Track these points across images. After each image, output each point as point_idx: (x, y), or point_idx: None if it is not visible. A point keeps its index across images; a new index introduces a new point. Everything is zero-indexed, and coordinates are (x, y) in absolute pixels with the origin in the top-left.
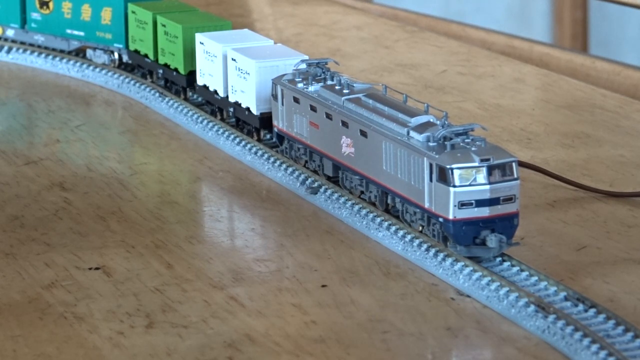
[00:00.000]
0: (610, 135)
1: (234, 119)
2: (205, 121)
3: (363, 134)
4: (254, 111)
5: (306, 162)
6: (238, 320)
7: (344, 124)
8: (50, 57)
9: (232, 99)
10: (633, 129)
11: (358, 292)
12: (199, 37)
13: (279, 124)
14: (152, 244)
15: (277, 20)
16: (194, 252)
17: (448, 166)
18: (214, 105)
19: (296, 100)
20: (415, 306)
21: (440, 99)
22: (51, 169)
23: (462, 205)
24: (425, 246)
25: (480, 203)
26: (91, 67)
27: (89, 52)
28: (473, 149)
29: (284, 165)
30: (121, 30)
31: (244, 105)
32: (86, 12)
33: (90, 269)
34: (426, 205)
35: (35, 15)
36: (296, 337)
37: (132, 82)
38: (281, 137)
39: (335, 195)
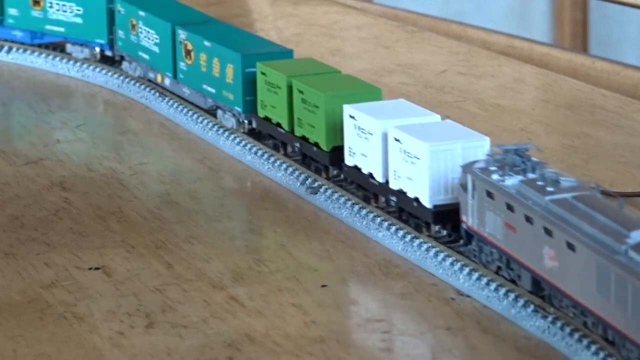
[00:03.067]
0: (610, 135)
1: (395, 209)
2: (206, 121)
3: (570, 246)
4: (426, 203)
5: (499, 268)
6: (238, 320)
7: (547, 231)
8: (51, 57)
9: (394, 186)
10: (633, 129)
11: (358, 292)
12: (348, 109)
13: (468, 220)
14: (152, 244)
15: (277, 20)
16: (194, 252)
17: None
18: (368, 191)
19: (490, 194)
20: (415, 306)
21: (440, 99)
22: (51, 169)
23: None
24: (425, 246)
25: None
26: (91, 67)
27: (219, 113)
28: None
29: (284, 165)
30: (239, 92)
31: (410, 195)
32: (216, 66)
33: (90, 269)
34: None
35: (182, 65)
36: (296, 337)
37: (132, 82)
38: (470, 235)
39: (336, 195)
